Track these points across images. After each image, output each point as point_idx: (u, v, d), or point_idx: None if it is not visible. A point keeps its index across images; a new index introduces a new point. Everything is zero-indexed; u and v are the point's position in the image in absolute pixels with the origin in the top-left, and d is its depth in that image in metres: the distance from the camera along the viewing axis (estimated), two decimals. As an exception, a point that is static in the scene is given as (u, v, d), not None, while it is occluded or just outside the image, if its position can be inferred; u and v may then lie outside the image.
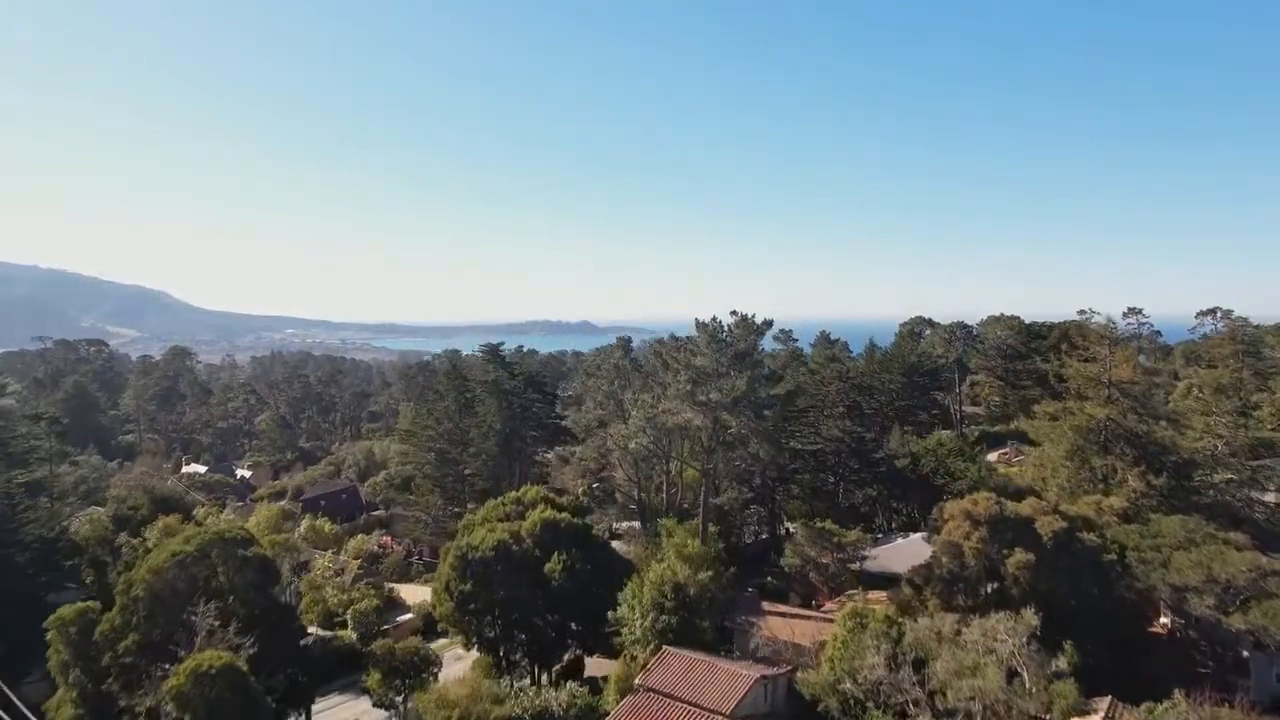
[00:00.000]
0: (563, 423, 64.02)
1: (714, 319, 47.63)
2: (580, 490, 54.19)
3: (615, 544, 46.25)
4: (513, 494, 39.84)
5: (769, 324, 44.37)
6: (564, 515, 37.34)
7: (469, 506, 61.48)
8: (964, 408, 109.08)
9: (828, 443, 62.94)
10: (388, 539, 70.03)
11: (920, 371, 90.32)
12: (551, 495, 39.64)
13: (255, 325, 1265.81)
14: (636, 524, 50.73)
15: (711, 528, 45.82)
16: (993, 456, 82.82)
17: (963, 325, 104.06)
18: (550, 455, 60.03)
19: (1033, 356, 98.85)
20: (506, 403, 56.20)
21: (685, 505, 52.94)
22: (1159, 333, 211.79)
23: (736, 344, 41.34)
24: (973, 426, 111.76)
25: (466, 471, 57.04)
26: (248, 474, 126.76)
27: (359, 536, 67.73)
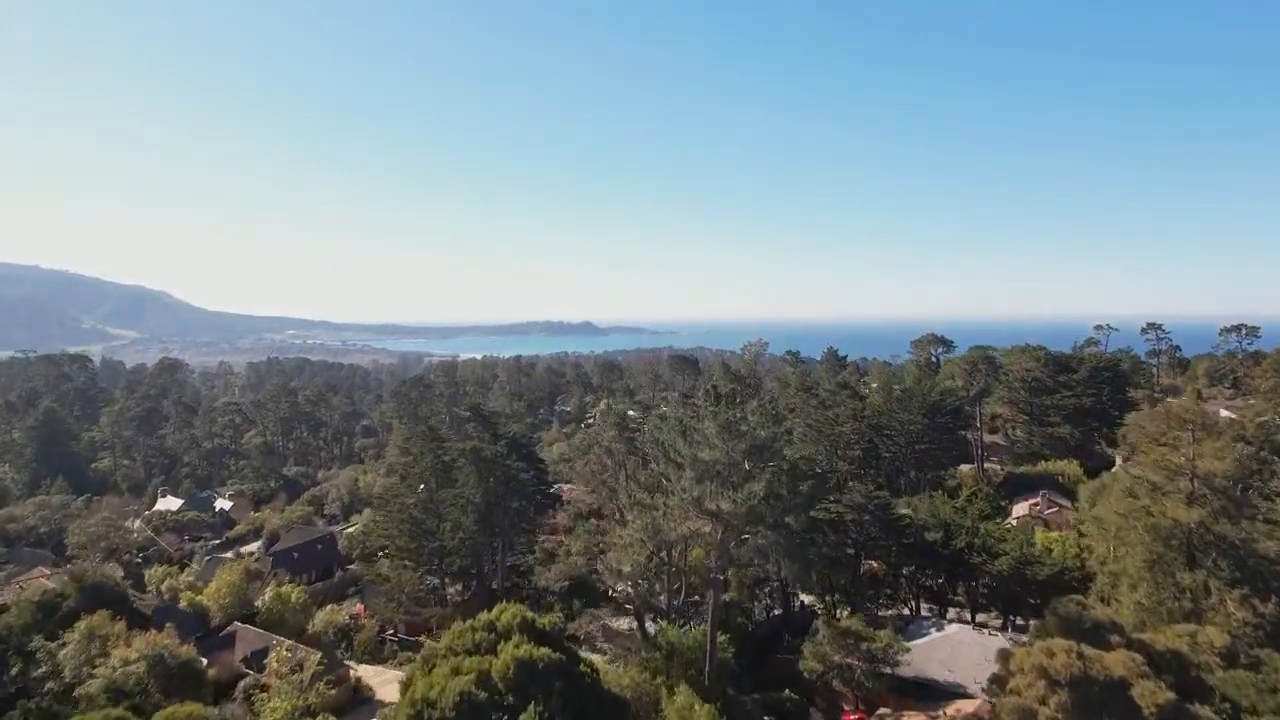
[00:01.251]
0: (551, 490, 57.64)
1: (717, 388, 40.98)
2: (566, 582, 47.72)
3: (607, 661, 39.68)
4: (484, 617, 33.29)
5: (790, 411, 37.73)
6: (544, 651, 31.00)
7: (445, 584, 54.96)
8: (984, 434, 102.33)
9: (848, 509, 56.26)
10: (360, 609, 63.54)
11: (942, 412, 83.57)
12: (530, 617, 33.16)
13: (256, 326, 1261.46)
14: (632, 623, 44.35)
15: (721, 637, 39.20)
16: (1023, 509, 76.08)
17: (985, 356, 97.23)
18: (533, 556, 53.10)
19: (1060, 391, 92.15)
20: (488, 471, 49.87)
21: (691, 598, 46.50)
22: (1178, 348, 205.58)
23: (754, 432, 34.63)
24: (994, 460, 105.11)
25: (444, 548, 50.66)
26: (228, 505, 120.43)
27: (329, 608, 61.18)
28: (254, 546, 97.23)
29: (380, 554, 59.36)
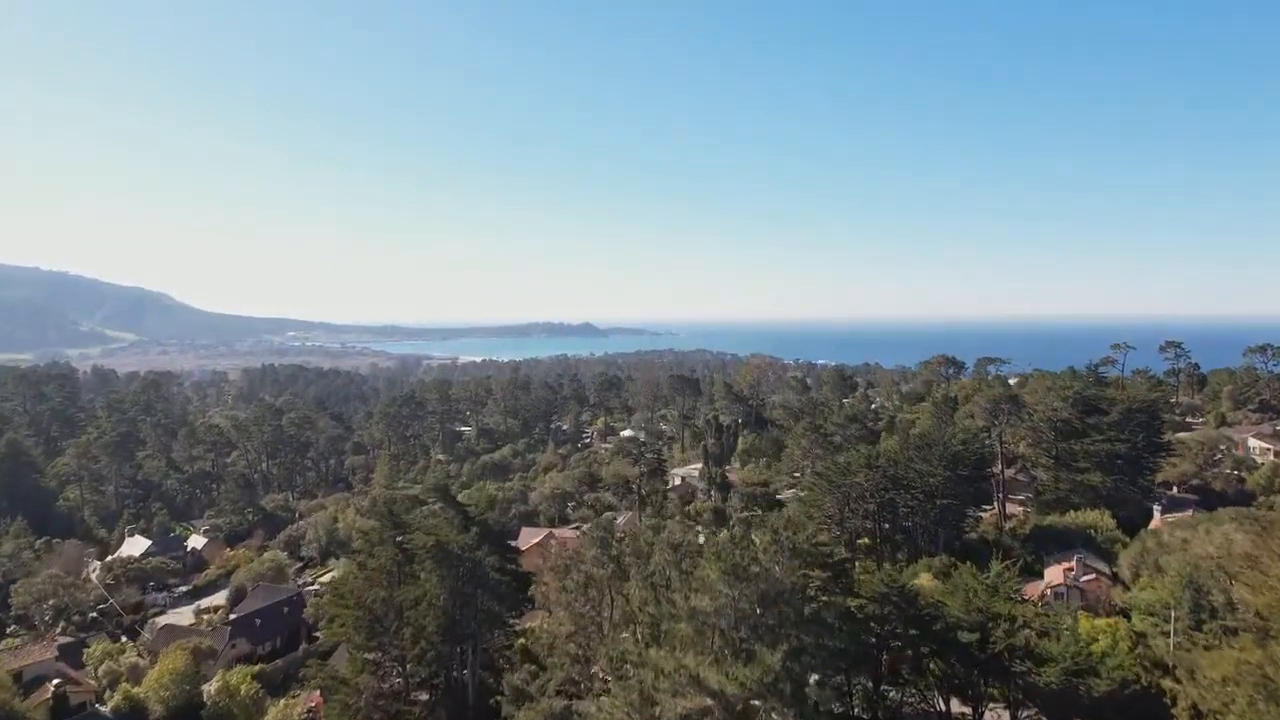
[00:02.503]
0: (529, 586, 50.93)
1: (720, 511, 33.91)
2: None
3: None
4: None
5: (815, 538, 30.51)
6: None
7: (410, 689, 48.06)
8: (1005, 468, 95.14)
9: (870, 601, 49.29)
10: (317, 700, 56.70)
11: (965, 463, 76.55)
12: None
13: (256, 328, 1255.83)
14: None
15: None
16: (1055, 573, 68.99)
17: (1008, 394, 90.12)
18: (506, 664, 46.49)
19: (1090, 434, 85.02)
20: (454, 568, 43.14)
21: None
22: (1197, 365, 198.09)
23: (769, 573, 27.47)
24: (1016, 498, 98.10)
25: (404, 656, 43.93)
26: (202, 542, 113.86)
27: (282, 703, 54.33)
28: (221, 597, 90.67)
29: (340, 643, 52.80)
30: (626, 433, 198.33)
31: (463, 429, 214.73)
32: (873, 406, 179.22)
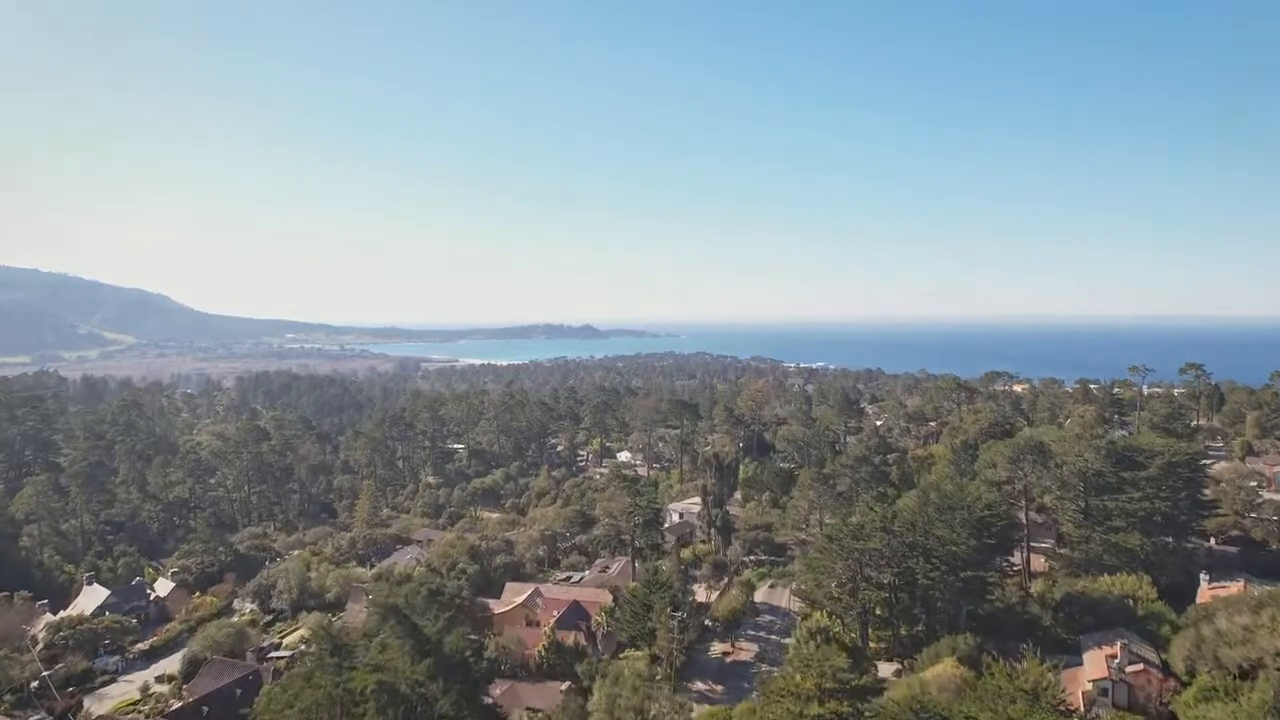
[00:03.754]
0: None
1: None
2: None
3: None
4: None
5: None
6: None
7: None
8: (1030, 513, 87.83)
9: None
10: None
11: (990, 530, 69.14)
12: None
13: (255, 330, 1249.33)
14: None
15: None
16: (1096, 662, 61.35)
17: (1035, 444, 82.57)
18: None
19: (1127, 490, 77.58)
20: (403, 709, 35.90)
21: None
22: (1217, 387, 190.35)
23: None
24: (1041, 547, 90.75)
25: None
26: (168, 589, 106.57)
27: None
28: (177, 660, 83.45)
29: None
30: (623, 455, 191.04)
31: (455, 446, 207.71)
32: (878, 426, 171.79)
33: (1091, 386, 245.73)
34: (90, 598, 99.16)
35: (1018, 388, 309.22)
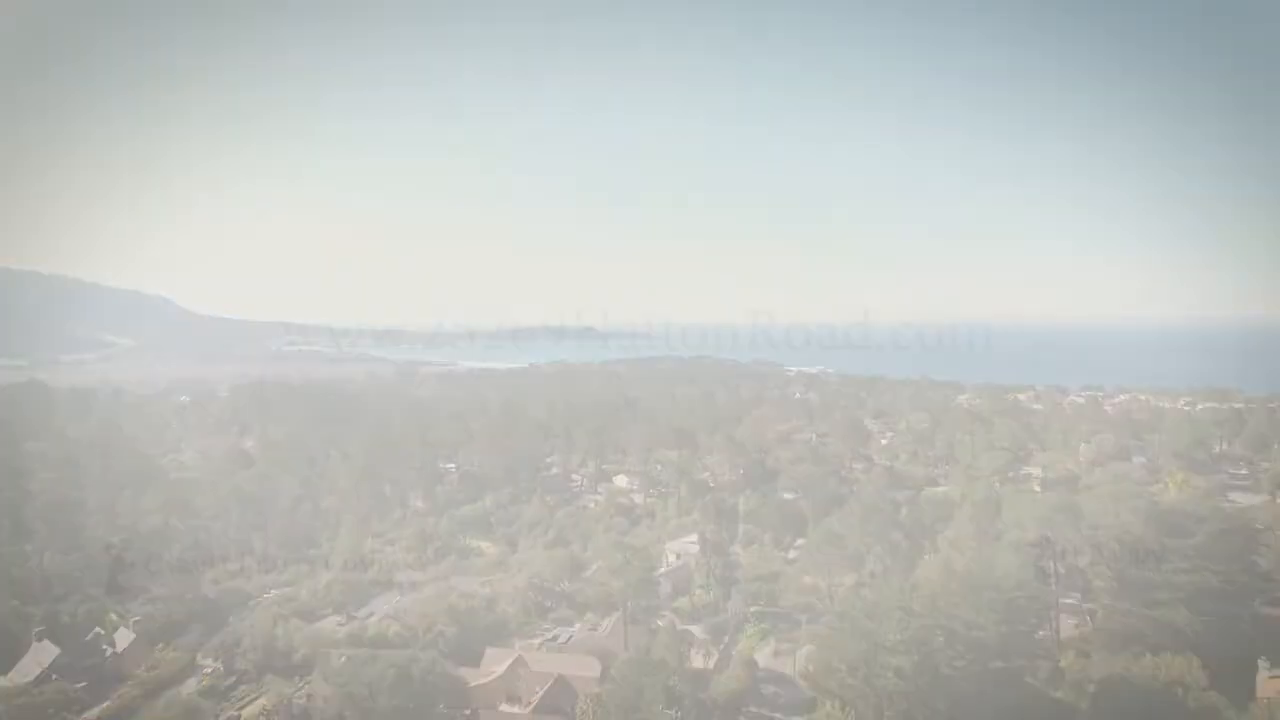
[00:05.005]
0: None
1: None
2: None
3: None
4: None
5: None
6: None
7: None
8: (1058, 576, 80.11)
9: None
10: None
11: (1025, 618, 61.61)
12: None
13: (255, 332, 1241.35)
14: None
15: None
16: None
17: (1067, 503, 75.00)
18: None
19: (1171, 559, 69.98)
20: None
21: None
22: (1239, 411, 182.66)
23: None
24: (1068, 605, 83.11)
25: None
26: (128, 640, 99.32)
27: None
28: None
29: None
30: (620, 480, 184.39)
31: (447, 465, 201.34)
32: (884, 445, 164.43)
33: (1102, 403, 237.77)
34: (37, 657, 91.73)
35: (1022, 396, 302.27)
